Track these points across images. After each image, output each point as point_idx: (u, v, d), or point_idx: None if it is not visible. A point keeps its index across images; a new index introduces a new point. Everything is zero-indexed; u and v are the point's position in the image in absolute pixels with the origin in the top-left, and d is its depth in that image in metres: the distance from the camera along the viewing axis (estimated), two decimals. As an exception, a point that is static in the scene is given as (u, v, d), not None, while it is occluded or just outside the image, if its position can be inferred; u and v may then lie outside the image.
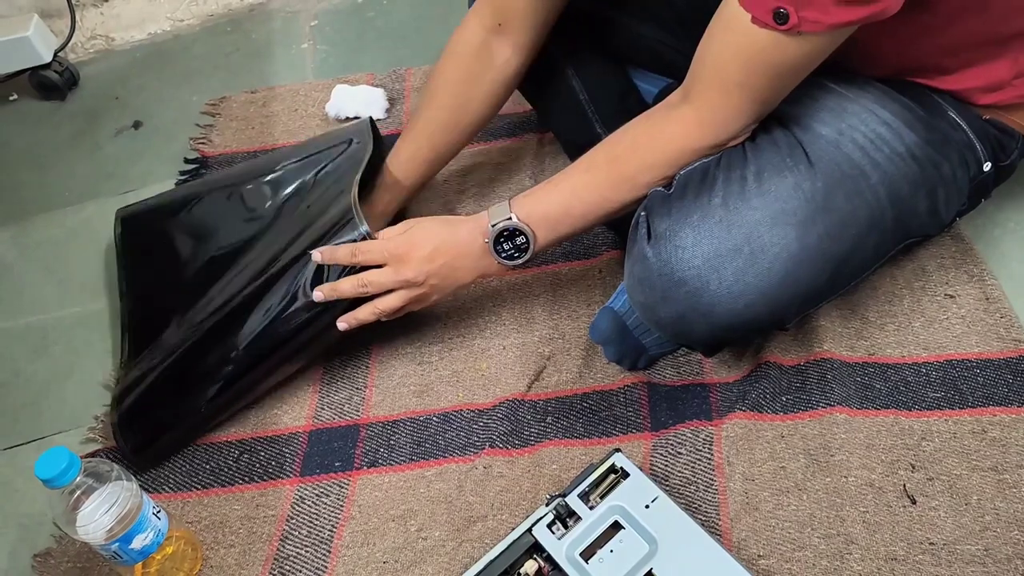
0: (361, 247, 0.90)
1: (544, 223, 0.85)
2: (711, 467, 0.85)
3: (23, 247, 1.32)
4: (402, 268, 0.88)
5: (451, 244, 0.89)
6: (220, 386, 0.96)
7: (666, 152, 0.80)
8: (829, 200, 0.75)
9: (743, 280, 0.74)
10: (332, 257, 0.91)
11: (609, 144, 0.85)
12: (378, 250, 0.89)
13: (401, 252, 0.88)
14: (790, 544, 0.78)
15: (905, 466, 0.82)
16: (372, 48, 1.55)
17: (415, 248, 0.88)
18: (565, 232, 0.87)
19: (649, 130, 0.82)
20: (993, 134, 0.85)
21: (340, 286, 0.90)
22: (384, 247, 0.89)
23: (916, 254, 0.98)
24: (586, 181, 0.85)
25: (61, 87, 1.57)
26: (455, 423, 0.95)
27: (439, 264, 0.88)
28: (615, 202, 0.84)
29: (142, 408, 0.99)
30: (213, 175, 1.31)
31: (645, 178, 0.81)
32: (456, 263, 0.89)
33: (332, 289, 0.90)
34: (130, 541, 0.79)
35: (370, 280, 0.89)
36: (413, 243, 0.89)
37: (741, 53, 0.72)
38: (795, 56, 0.71)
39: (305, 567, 0.86)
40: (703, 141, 0.78)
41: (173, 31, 1.71)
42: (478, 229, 0.87)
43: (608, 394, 0.94)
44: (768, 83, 0.74)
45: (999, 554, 0.75)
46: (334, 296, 0.90)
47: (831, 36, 0.69)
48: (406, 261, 0.88)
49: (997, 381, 0.86)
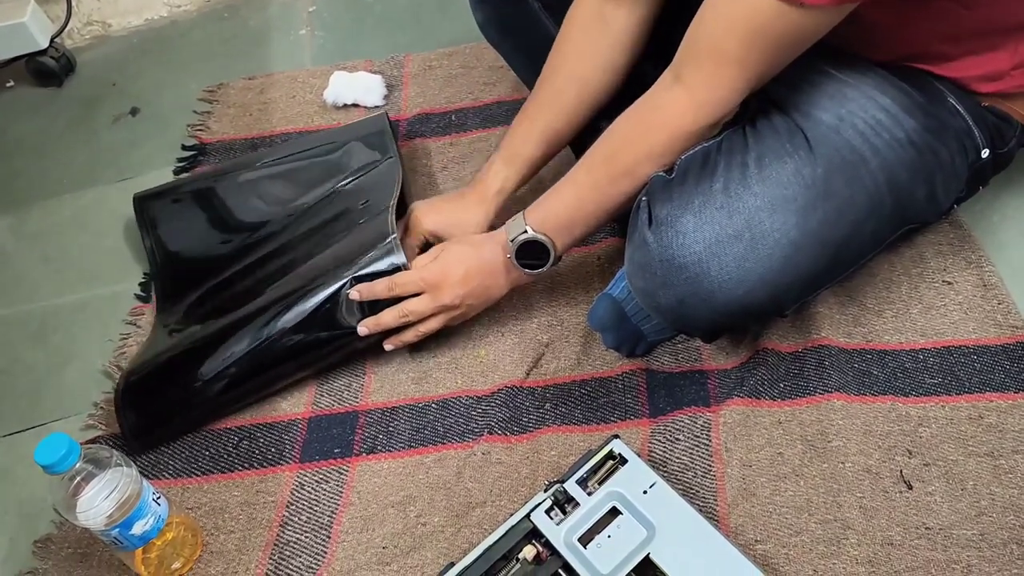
0: (397, 280, 0.93)
1: (559, 229, 0.88)
2: (709, 453, 0.86)
3: (21, 235, 1.32)
4: (439, 295, 0.92)
5: (480, 265, 0.92)
6: (233, 381, 0.96)
7: (661, 140, 0.80)
8: (829, 186, 0.75)
9: (743, 266, 0.74)
10: (370, 294, 0.93)
11: (605, 141, 0.85)
12: (414, 281, 0.92)
13: (436, 280, 0.92)
14: (787, 529, 0.79)
15: (902, 452, 0.82)
16: (370, 34, 1.54)
17: (448, 275, 0.92)
18: (581, 232, 0.89)
19: (642, 120, 0.82)
20: (992, 121, 0.84)
21: (383, 319, 0.93)
22: (419, 277, 0.92)
23: (914, 241, 0.98)
24: (588, 183, 0.86)
25: (58, 74, 1.57)
26: (454, 410, 0.95)
27: (473, 286, 0.92)
28: (621, 196, 0.84)
29: (150, 386, 0.99)
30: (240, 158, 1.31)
31: (644, 169, 0.81)
32: (488, 281, 0.93)
33: (376, 323, 0.94)
34: (130, 527, 0.80)
35: (411, 310, 0.93)
36: (446, 270, 0.92)
37: (742, 25, 0.71)
38: (798, 29, 0.70)
39: (305, 552, 0.86)
40: (698, 123, 0.78)
41: (170, 17, 1.70)
42: (500, 245, 0.91)
43: (606, 381, 0.94)
44: (766, 57, 0.73)
45: (994, 539, 0.75)
46: (379, 330, 0.94)
47: (837, 11, 0.69)
48: (442, 288, 0.92)
49: (994, 367, 0.87)
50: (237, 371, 0.96)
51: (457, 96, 1.34)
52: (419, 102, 1.35)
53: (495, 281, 0.93)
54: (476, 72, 1.38)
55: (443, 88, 1.36)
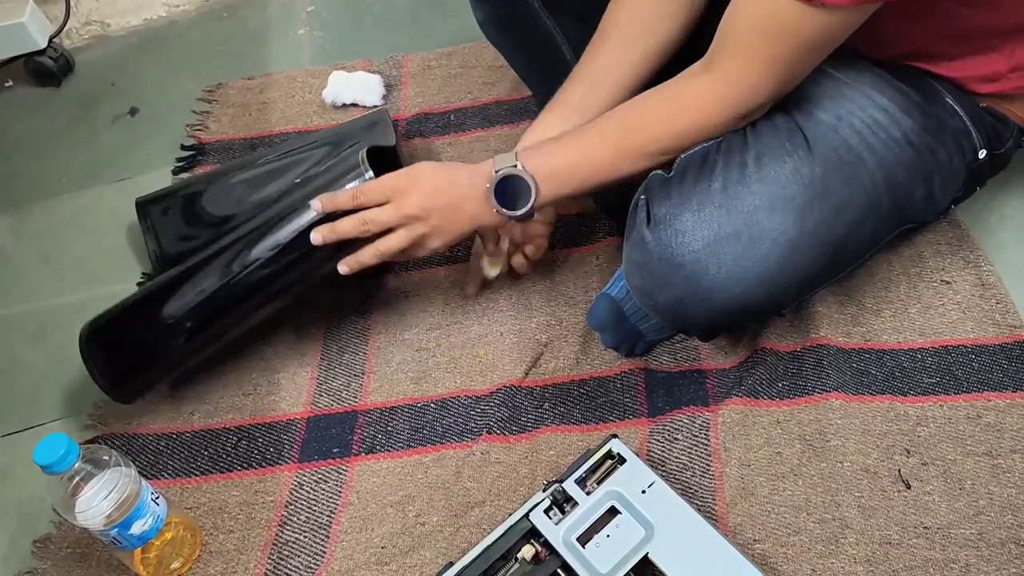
0: (362, 188, 0.87)
1: (550, 179, 0.84)
2: (707, 453, 0.86)
3: (20, 235, 1.32)
4: (404, 202, 0.85)
5: (452, 185, 0.86)
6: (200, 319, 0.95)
7: (683, 126, 0.79)
8: (827, 185, 0.75)
9: (741, 265, 0.74)
10: (333, 203, 0.88)
11: (625, 112, 0.83)
12: (379, 188, 0.87)
13: (402, 187, 0.86)
14: (785, 529, 0.79)
15: (900, 451, 0.82)
16: (369, 34, 1.54)
17: (417, 184, 0.86)
18: (568, 191, 0.85)
19: (667, 102, 0.80)
20: (989, 122, 0.85)
21: (340, 226, 0.87)
22: (386, 184, 0.87)
23: (913, 240, 0.98)
24: (597, 146, 0.83)
25: (56, 74, 1.57)
26: (453, 409, 0.95)
27: (442, 202, 0.86)
28: (623, 171, 0.83)
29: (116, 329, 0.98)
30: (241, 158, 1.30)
31: (658, 151, 0.80)
32: (458, 203, 0.86)
33: (331, 230, 0.87)
34: (129, 527, 0.80)
35: (372, 218, 0.86)
36: (415, 179, 0.86)
37: (766, 25, 0.71)
38: (821, 30, 0.70)
39: (304, 552, 0.86)
40: (721, 115, 0.77)
41: (169, 17, 1.70)
42: (481, 174, 0.86)
43: (605, 380, 0.94)
44: (791, 57, 0.73)
45: (993, 538, 0.75)
46: (333, 237, 0.87)
47: (859, 11, 0.69)
48: (408, 195, 0.86)
49: (992, 367, 0.87)
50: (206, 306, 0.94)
51: (456, 96, 1.34)
52: (418, 102, 1.35)
53: (465, 205, 0.86)
54: (475, 72, 1.38)
55: (442, 88, 1.36)
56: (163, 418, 1.00)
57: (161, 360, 0.97)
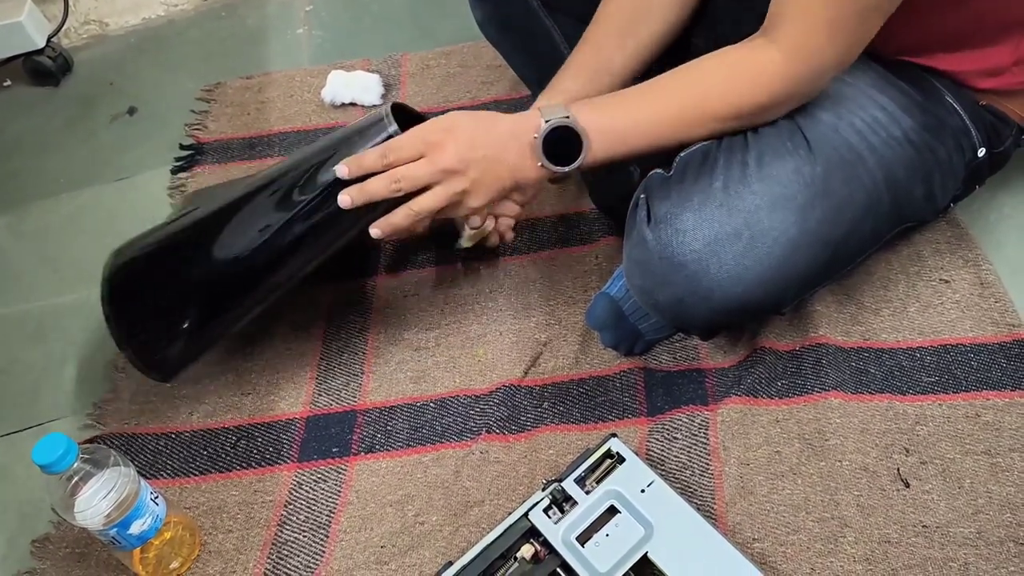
0: (391, 144, 0.79)
1: (602, 137, 0.78)
2: (707, 452, 0.86)
3: (19, 234, 1.32)
4: (439, 156, 0.78)
5: (493, 135, 0.79)
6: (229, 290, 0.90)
7: (748, 99, 0.76)
8: (828, 185, 0.75)
9: (742, 264, 0.74)
10: (360, 166, 0.79)
11: (686, 82, 0.78)
12: (410, 143, 0.78)
13: (437, 139, 0.78)
14: (784, 528, 0.79)
15: (899, 450, 0.82)
16: (368, 33, 1.54)
17: (452, 134, 0.78)
18: (618, 152, 0.79)
19: (732, 72, 0.76)
20: (988, 120, 0.85)
21: (369, 186, 0.79)
22: (417, 136, 0.79)
23: (912, 239, 0.98)
24: (655, 113, 0.78)
25: (55, 73, 1.56)
26: (452, 409, 0.95)
27: (481, 154, 0.78)
28: (679, 138, 0.79)
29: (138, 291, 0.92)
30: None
31: (719, 122, 0.77)
32: (498, 156, 0.79)
33: (360, 191, 0.79)
34: (128, 526, 0.80)
35: (404, 175, 0.78)
36: (450, 130, 0.78)
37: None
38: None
39: (303, 552, 0.86)
40: (786, 87, 0.75)
41: (167, 16, 1.70)
42: (526, 124, 0.79)
43: (604, 379, 0.94)
44: (853, 18, 0.71)
45: (991, 536, 0.75)
46: (363, 199, 0.79)
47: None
48: (443, 148, 0.78)
49: (991, 365, 0.87)
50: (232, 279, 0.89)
51: (455, 95, 1.34)
52: (417, 101, 1.35)
53: (506, 157, 0.79)
54: (474, 71, 1.38)
55: (441, 87, 1.36)
56: (162, 418, 1.00)
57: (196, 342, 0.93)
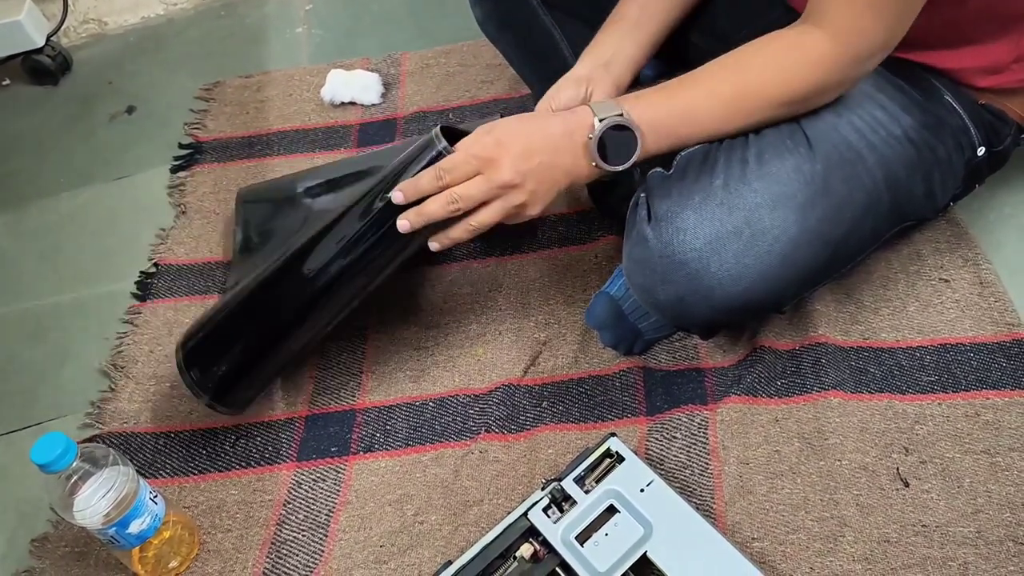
0: (444, 165, 0.77)
1: (654, 130, 0.77)
2: (706, 451, 0.86)
3: (18, 233, 1.32)
4: (495, 173, 0.76)
5: (545, 140, 0.77)
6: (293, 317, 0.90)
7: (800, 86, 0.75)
8: (828, 183, 0.75)
9: (743, 262, 0.74)
10: (416, 190, 0.78)
11: (736, 70, 0.77)
12: (464, 161, 0.77)
13: (491, 155, 0.76)
14: (784, 527, 0.79)
15: (898, 449, 0.82)
16: (367, 32, 1.54)
17: (506, 147, 0.76)
18: (669, 145, 0.78)
19: (782, 61, 0.75)
20: (988, 119, 0.85)
21: (428, 208, 0.78)
22: (470, 154, 0.77)
23: (912, 238, 0.98)
24: (706, 105, 0.77)
25: (54, 72, 1.56)
26: (451, 408, 0.95)
27: (536, 163, 0.76)
28: (729, 129, 0.78)
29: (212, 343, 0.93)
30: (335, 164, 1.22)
31: (771, 113, 0.77)
32: (553, 161, 0.77)
33: (419, 214, 0.78)
34: (127, 526, 0.80)
35: (462, 194, 0.76)
36: (502, 143, 0.77)
37: None
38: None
39: (302, 551, 0.86)
40: (839, 71, 0.74)
41: (166, 15, 1.70)
42: (578, 124, 0.77)
43: (604, 379, 0.94)
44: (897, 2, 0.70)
45: (991, 536, 0.75)
46: (421, 222, 0.78)
47: None
48: (498, 164, 0.76)
49: (990, 365, 0.87)
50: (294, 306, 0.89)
51: (454, 94, 1.34)
52: (416, 100, 1.35)
53: (560, 161, 0.77)
54: (473, 70, 1.37)
55: (440, 86, 1.36)
56: (161, 417, 1.00)
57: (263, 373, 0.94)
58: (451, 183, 0.77)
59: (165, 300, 1.14)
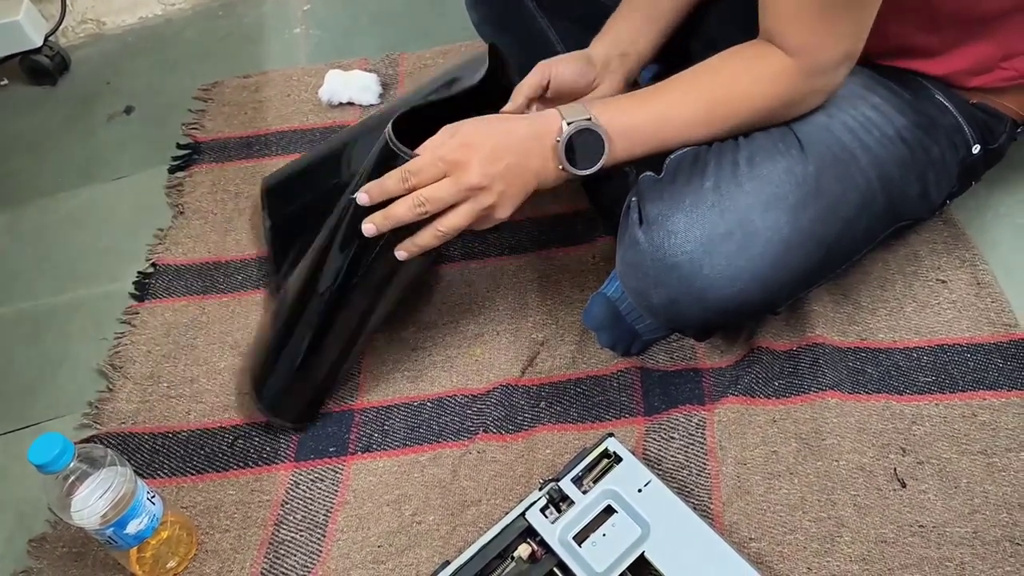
0: (410, 167, 0.76)
1: (624, 137, 0.77)
2: (704, 451, 0.86)
3: (16, 234, 1.32)
4: (463, 175, 0.75)
5: (512, 142, 0.76)
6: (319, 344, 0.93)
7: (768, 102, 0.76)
8: (820, 184, 0.75)
9: (735, 264, 0.74)
10: (381, 192, 0.77)
11: (707, 81, 0.77)
12: (430, 163, 0.76)
13: (457, 157, 0.75)
14: (781, 527, 0.79)
15: (896, 450, 0.82)
16: (365, 33, 1.54)
17: (473, 149, 0.75)
18: (638, 152, 0.78)
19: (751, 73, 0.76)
20: (981, 118, 0.85)
21: (394, 211, 0.77)
22: (436, 157, 0.76)
23: (908, 239, 0.98)
24: (679, 114, 0.77)
25: (52, 72, 1.56)
26: (449, 408, 0.95)
27: (504, 165, 0.75)
28: (698, 139, 0.79)
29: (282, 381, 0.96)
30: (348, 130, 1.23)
31: (738, 126, 0.78)
32: (521, 162, 0.76)
33: (385, 217, 0.77)
34: (125, 526, 0.80)
35: (429, 196, 0.75)
36: (469, 144, 0.75)
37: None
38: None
39: (300, 551, 0.86)
40: (807, 83, 0.74)
41: (165, 15, 1.70)
42: (546, 127, 0.77)
43: (601, 379, 0.94)
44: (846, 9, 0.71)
45: (988, 536, 0.76)
46: (388, 225, 0.77)
47: None
48: (466, 166, 0.75)
49: (987, 365, 0.87)
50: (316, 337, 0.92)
51: (452, 94, 1.34)
52: (414, 100, 1.35)
53: (529, 163, 0.76)
54: (471, 71, 1.37)
55: (438, 86, 1.36)
56: (159, 417, 1.00)
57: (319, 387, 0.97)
58: (417, 185, 0.76)
59: (163, 300, 1.14)
